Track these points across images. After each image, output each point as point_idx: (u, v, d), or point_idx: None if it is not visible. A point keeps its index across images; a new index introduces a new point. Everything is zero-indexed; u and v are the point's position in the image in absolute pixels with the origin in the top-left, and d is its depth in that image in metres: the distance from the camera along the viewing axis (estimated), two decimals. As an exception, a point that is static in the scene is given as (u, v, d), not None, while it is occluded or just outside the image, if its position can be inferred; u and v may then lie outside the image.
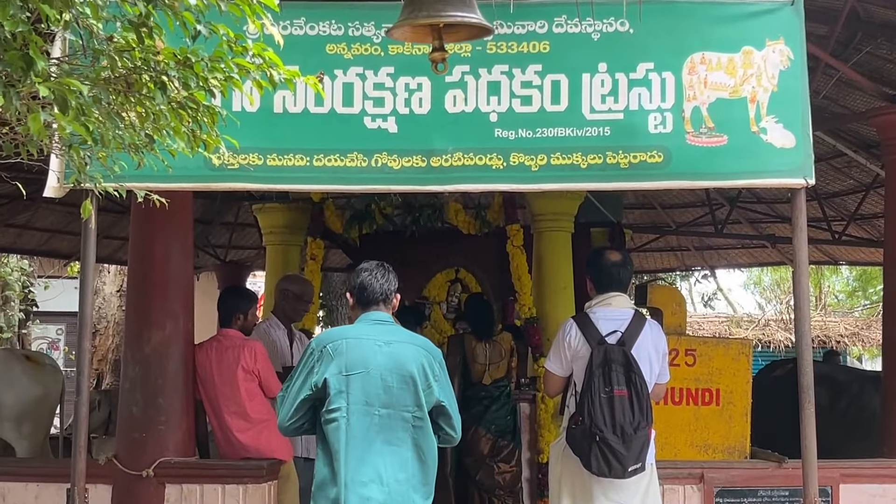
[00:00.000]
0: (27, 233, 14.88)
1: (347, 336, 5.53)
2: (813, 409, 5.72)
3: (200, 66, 4.17)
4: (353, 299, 5.66)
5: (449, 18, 4.61)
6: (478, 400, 8.99)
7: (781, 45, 5.76)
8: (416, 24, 4.71)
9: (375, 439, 5.44)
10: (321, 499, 5.38)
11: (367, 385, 5.38)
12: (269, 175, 5.78)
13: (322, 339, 5.68)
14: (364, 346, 5.47)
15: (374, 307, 5.59)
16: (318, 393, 5.35)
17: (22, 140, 4.21)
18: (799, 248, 5.91)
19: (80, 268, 5.97)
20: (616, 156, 5.72)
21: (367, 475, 5.32)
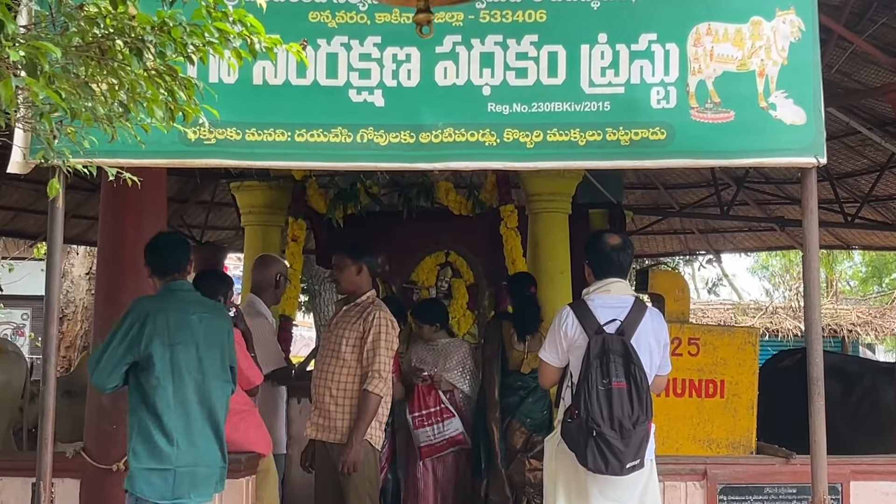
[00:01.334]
0: (-9, 209, 14.91)
1: (169, 308, 6.06)
2: (823, 401, 5.74)
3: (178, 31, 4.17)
4: (151, 269, 6.40)
5: None
6: (513, 389, 8.85)
7: (792, 16, 5.76)
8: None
9: (194, 402, 6.03)
10: (145, 455, 5.90)
11: (187, 353, 5.96)
12: (247, 151, 5.77)
13: (144, 307, 6.12)
14: (184, 317, 6.05)
15: (177, 275, 6.25)
16: (142, 360, 5.91)
17: (-14, 108, 4.21)
18: (809, 231, 5.92)
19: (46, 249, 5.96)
20: (616, 132, 5.73)
21: (185, 435, 5.98)
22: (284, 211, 10.90)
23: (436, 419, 8.70)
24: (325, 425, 7.73)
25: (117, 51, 4.16)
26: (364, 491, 7.48)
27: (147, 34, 4.18)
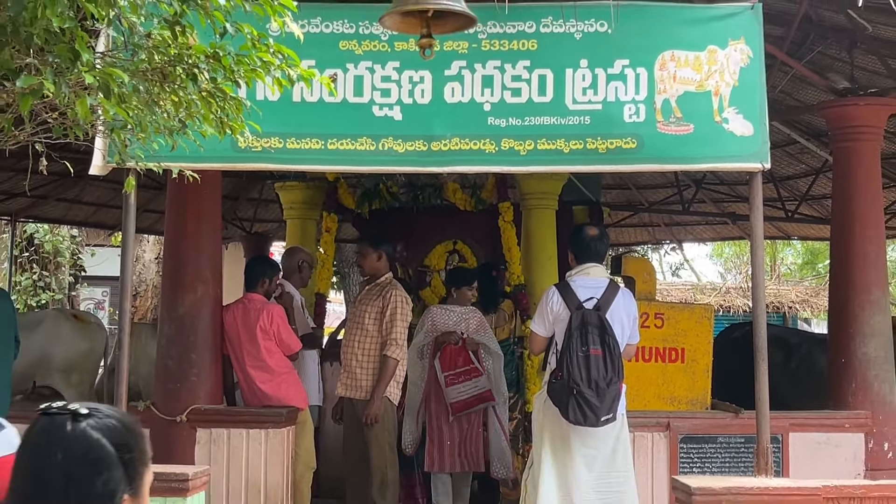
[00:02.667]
0: (76, 206, 14.95)
1: None
2: (766, 366, 5.74)
3: (228, 60, 4.18)
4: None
5: (434, 5, 4.58)
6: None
7: (742, 45, 5.77)
8: (406, 11, 4.67)
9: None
10: None
11: None
12: (288, 156, 5.80)
13: None
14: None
15: None
16: None
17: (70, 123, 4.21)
18: (756, 224, 5.93)
19: (121, 237, 5.96)
20: (595, 142, 5.73)
21: None
22: (319, 207, 10.87)
23: (465, 377, 8.51)
24: (352, 385, 7.80)
25: (177, 75, 4.16)
26: (384, 440, 7.60)
27: (201, 62, 4.18)
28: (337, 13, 5.82)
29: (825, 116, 8.24)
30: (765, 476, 5.55)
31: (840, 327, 7.90)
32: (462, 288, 8.92)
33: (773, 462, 5.95)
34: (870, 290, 7.76)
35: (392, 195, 10.88)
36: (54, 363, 9.56)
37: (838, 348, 7.85)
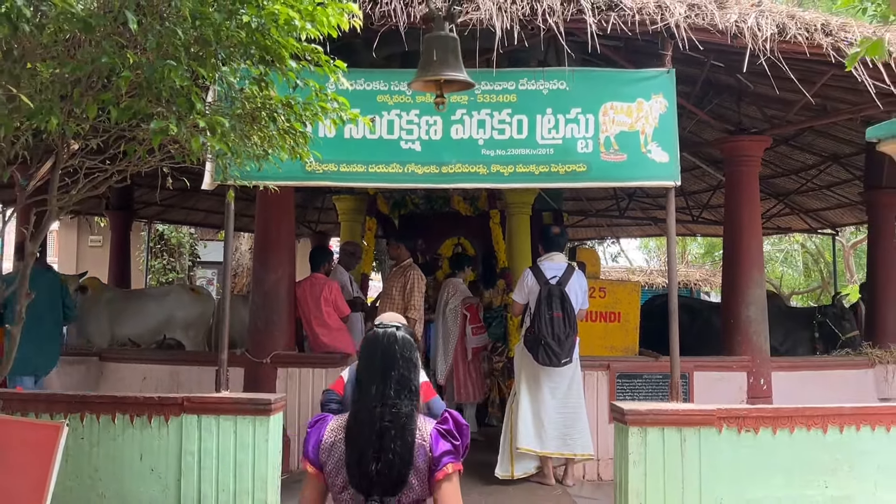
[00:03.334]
0: (193, 212, 15.08)
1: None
2: (677, 325, 5.75)
3: (298, 107, 4.20)
4: None
5: (445, 76, 4.67)
6: (488, 319, 9.31)
7: (661, 98, 5.75)
8: (426, 80, 4.74)
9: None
10: None
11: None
12: (340, 176, 5.80)
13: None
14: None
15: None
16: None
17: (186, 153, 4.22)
18: (670, 225, 5.92)
19: (224, 234, 5.99)
20: (557, 166, 5.73)
21: None
22: (363, 213, 10.90)
23: (481, 330, 8.86)
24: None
25: (262, 117, 4.18)
26: None
27: (279, 108, 4.19)
28: (375, 76, 5.82)
29: (720, 149, 8.23)
30: (676, 402, 5.56)
31: (730, 297, 7.92)
32: (464, 269, 9.21)
33: (682, 392, 5.96)
34: (751, 271, 7.78)
35: (414, 204, 10.92)
36: (178, 322, 9.62)
37: (729, 312, 7.87)
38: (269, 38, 3.77)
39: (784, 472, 5.18)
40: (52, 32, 3.27)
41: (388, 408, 2.65)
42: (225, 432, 5.26)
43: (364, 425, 2.64)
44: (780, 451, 5.19)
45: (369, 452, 2.60)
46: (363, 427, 2.64)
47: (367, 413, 2.66)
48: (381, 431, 2.61)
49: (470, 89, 5.02)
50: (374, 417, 2.63)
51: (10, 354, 4.45)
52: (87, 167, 4.42)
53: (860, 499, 5.19)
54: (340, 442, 2.69)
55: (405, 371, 2.73)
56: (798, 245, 24.07)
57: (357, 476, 2.61)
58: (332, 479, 2.69)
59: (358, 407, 2.70)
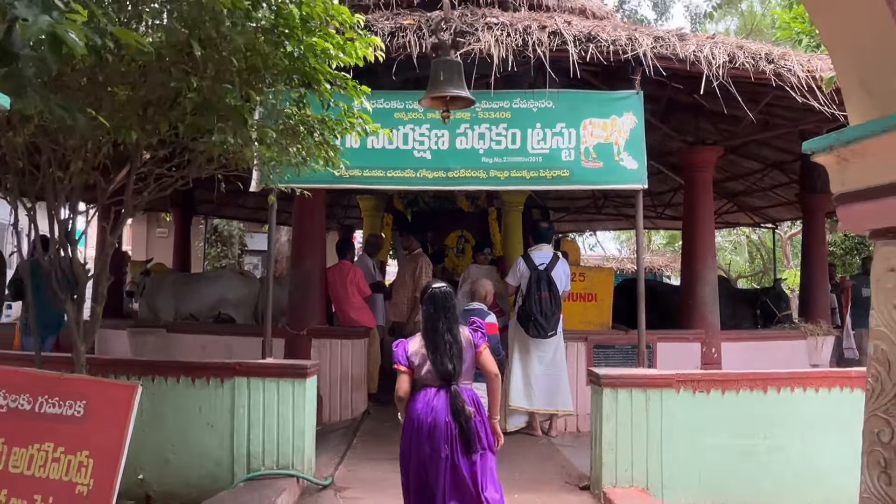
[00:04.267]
0: (243, 209, 15.08)
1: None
2: (644, 304, 5.75)
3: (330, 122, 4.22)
4: None
5: (451, 94, 4.70)
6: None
7: (631, 115, 5.74)
8: (434, 97, 4.79)
9: None
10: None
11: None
12: (364, 180, 5.78)
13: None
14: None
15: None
16: None
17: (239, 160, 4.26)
18: (638, 220, 5.93)
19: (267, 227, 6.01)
20: (545, 172, 5.71)
21: None
22: (382, 210, 10.90)
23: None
24: (398, 313, 7.92)
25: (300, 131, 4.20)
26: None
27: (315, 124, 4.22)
28: (393, 97, 5.80)
29: (680, 157, 8.24)
30: (642, 368, 5.59)
31: (687, 280, 7.93)
32: (483, 251, 8.57)
33: (647, 360, 5.99)
34: (705, 259, 7.80)
35: (425, 203, 10.87)
36: (229, 301, 9.63)
37: (686, 293, 7.89)
38: (308, 66, 3.80)
39: (730, 425, 5.21)
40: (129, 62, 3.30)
41: (446, 327, 3.86)
42: (269, 391, 5.30)
43: (438, 335, 3.85)
44: (727, 409, 5.21)
45: (441, 349, 3.82)
46: (437, 337, 3.85)
47: (437, 331, 3.86)
48: (445, 339, 3.84)
49: (471, 106, 5.03)
50: (441, 332, 3.85)
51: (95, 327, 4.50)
52: (157, 173, 4.46)
53: (791, 446, 5.22)
54: (421, 348, 3.89)
55: (451, 308, 3.92)
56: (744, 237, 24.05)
57: (436, 364, 3.82)
58: (419, 371, 3.88)
59: (432, 329, 3.88)
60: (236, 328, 8.66)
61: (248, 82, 3.77)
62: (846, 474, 5.04)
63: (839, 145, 2.39)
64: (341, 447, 6.28)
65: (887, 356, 2.26)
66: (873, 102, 2.33)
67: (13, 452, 3.80)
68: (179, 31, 3.34)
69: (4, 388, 3.93)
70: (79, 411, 3.82)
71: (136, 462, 5.20)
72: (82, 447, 3.73)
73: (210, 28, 3.32)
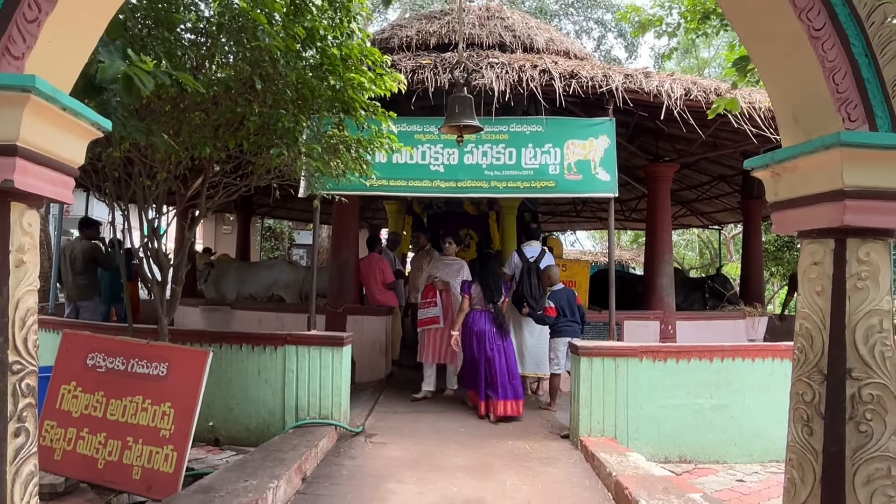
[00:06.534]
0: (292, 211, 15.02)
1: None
2: (615, 290, 5.73)
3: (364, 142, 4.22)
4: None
5: (464, 123, 4.71)
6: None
7: (605, 137, 5.71)
8: (451, 126, 4.80)
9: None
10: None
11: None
12: (389, 189, 5.78)
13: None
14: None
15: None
16: None
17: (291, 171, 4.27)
18: (610, 222, 5.89)
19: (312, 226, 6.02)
20: (535, 183, 5.70)
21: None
22: (404, 212, 10.82)
23: (428, 304, 6.52)
24: (415, 295, 7.86)
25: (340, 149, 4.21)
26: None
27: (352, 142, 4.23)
28: (413, 121, 5.79)
29: (644, 172, 8.19)
30: (613, 341, 5.58)
31: (649, 271, 7.88)
32: (445, 245, 7.07)
33: (616, 335, 5.97)
34: (664, 254, 7.76)
35: (437, 207, 10.83)
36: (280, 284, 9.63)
37: (649, 281, 7.85)
38: (347, 96, 3.81)
39: (683, 388, 5.20)
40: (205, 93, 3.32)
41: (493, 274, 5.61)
42: (313, 357, 5.32)
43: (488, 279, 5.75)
44: (681, 374, 5.20)
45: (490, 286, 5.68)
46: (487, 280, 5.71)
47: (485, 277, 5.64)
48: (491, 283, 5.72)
49: (480, 132, 5.03)
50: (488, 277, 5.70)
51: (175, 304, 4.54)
52: (225, 182, 4.49)
53: (734, 405, 5.21)
54: (477, 286, 5.80)
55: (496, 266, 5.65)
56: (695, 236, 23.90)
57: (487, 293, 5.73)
58: (476, 298, 5.83)
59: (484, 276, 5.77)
60: (287, 306, 8.68)
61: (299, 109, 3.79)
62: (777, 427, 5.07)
63: (773, 163, 2.39)
64: (371, 402, 6.31)
65: (811, 332, 2.26)
66: (801, 128, 2.33)
67: (110, 403, 3.84)
68: (244, 69, 3.36)
69: (103, 352, 3.97)
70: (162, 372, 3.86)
71: (207, 412, 5.27)
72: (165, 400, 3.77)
73: (268, 66, 3.34)
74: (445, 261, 6.78)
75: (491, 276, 5.96)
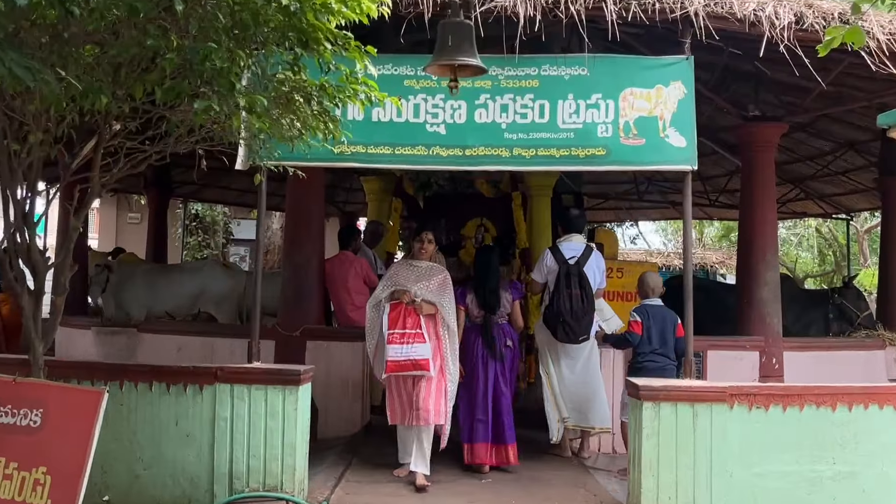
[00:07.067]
0: (227, 191, 15.20)
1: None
2: (692, 304, 5.73)
3: (331, 89, 4.23)
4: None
5: (458, 61, 4.74)
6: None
7: (680, 84, 5.70)
8: (440, 64, 4.83)
9: None
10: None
11: None
12: (368, 158, 5.78)
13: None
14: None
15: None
16: None
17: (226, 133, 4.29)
18: (686, 207, 5.91)
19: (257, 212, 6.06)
20: (577, 150, 5.69)
21: None
22: (390, 194, 10.82)
23: (408, 339, 5.94)
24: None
25: (296, 100, 4.21)
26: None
27: (313, 91, 4.23)
28: (402, 61, 5.80)
29: (737, 135, 8.20)
30: (690, 379, 5.58)
31: (745, 279, 7.90)
32: (415, 244, 6.54)
33: (695, 371, 5.98)
34: (765, 253, 7.77)
35: (439, 186, 10.85)
36: (210, 296, 9.68)
37: (743, 293, 7.86)
38: (305, 22, 3.80)
39: (793, 448, 5.19)
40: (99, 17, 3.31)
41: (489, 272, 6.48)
42: (256, 400, 5.33)
43: (484, 282, 6.49)
44: (790, 428, 5.18)
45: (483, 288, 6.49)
46: (483, 284, 6.47)
47: (484, 286, 6.44)
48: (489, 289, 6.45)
49: (482, 75, 5.03)
50: (487, 284, 6.47)
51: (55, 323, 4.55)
52: (128, 147, 4.48)
53: (867, 474, 5.19)
54: (472, 293, 6.50)
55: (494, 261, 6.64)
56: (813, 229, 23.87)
57: (482, 303, 6.45)
58: (471, 308, 6.50)
59: (481, 284, 6.47)
60: (219, 328, 8.71)
61: (237, 41, 3.77)
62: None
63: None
64: (339, 466, 6.31)
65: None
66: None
67: (-40, 467, 3.84)
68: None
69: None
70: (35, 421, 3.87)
71: (100, 480, 5.27)
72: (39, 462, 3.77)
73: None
74: (418, 266, 6.31)
75: (485, 276, 6.51)
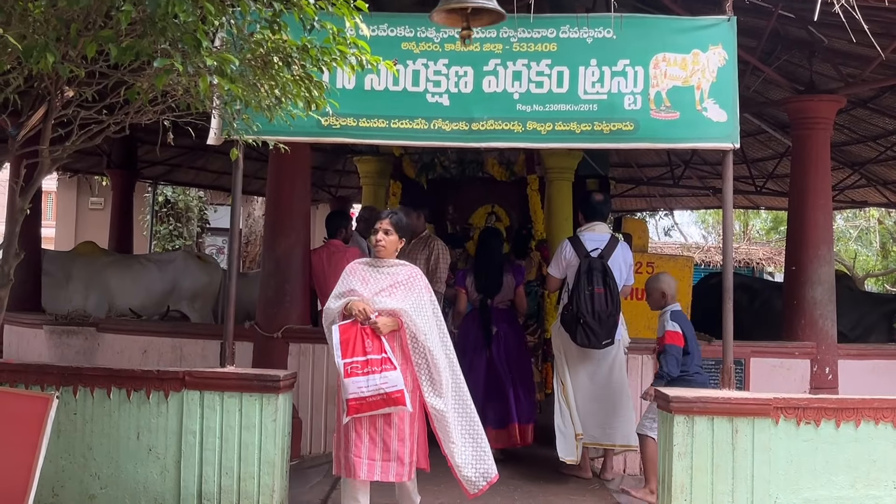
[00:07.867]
0: (203, 173, 15.21)
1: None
2: (731, 305, 5.69)
3: (314, 51, 4.20)
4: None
5: (472, 4, 4.62)
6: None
7: (720, 49, 5.67)
8: (450, 8, 4.70)
9: None
10: None
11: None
12: (360, 132, 5.77)
13: None
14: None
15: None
16: None
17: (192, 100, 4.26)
18: (726, 193, 5.86)
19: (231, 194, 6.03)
20: (601, 124, 5.67)
21: None
22: (388, 176, 10.84)
23: (372, 368, 4.91)
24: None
25: (274, 63, 4.18)
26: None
27: (294, 52, 4.20)
28: (399, 20, 5.79)
29: (787, 110, 8.16)
30: (728, 389, 5.54)
31: (794, 276, 7.87)
32: (371, 236, 5.54)
33: (735, 380, 5.94)
34: (819, 247, 7.73)
35: (444, 168, 10.82)
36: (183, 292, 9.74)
37: (792, 293, 7.83)
38: (285, -30, 3.77)
39: (847, 470, 5.16)
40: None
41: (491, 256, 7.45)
42: (229, 410, 5.31)
43: (484, 265, 7.46)
44: (845, 447, 5.16)
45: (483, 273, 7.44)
46: (483, 268, 7.41)
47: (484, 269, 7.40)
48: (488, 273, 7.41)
49: (501, 22, 4.96)
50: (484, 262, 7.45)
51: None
52: (83, 118, 4.46)
53: (934, 502, 5.17)
54: (472, 276, 7.42)
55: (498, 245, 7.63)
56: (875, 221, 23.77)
57: (482, 288, 7.37)
58: (470, 292, 7.43)
59: (483, 265, 7.47)
60: (189, 328, 8.70)
61: (206, -8, 3.75)
62: None
63: None
64: (324, 486, 6.30)
65: None
66: None
67: None
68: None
69: None
70: (-26, 429, 3.86)
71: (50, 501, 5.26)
72: (-21, 477, 3.76)
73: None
74: (379, 268, 5.38)
75: (486, 259, 7.49)
